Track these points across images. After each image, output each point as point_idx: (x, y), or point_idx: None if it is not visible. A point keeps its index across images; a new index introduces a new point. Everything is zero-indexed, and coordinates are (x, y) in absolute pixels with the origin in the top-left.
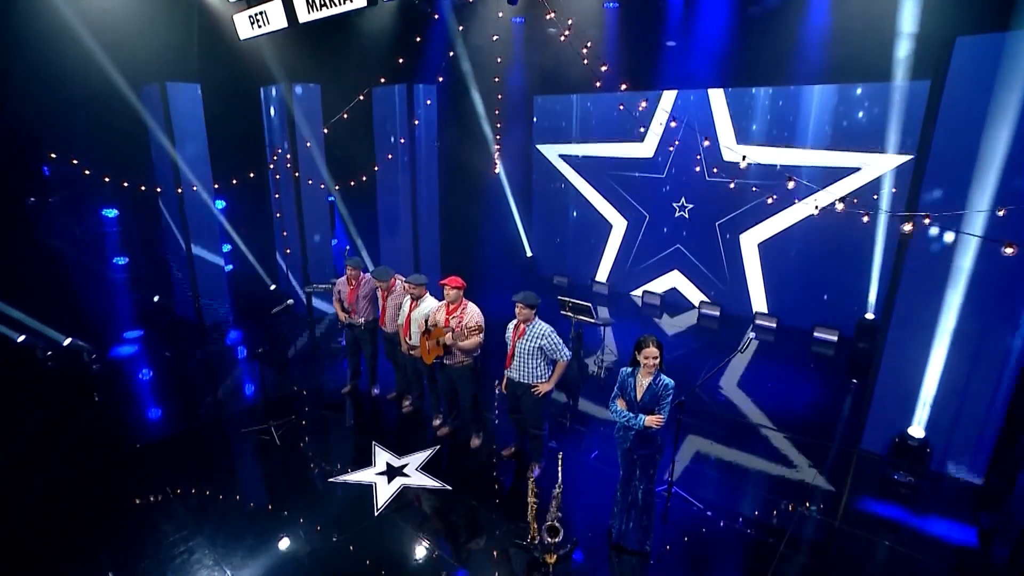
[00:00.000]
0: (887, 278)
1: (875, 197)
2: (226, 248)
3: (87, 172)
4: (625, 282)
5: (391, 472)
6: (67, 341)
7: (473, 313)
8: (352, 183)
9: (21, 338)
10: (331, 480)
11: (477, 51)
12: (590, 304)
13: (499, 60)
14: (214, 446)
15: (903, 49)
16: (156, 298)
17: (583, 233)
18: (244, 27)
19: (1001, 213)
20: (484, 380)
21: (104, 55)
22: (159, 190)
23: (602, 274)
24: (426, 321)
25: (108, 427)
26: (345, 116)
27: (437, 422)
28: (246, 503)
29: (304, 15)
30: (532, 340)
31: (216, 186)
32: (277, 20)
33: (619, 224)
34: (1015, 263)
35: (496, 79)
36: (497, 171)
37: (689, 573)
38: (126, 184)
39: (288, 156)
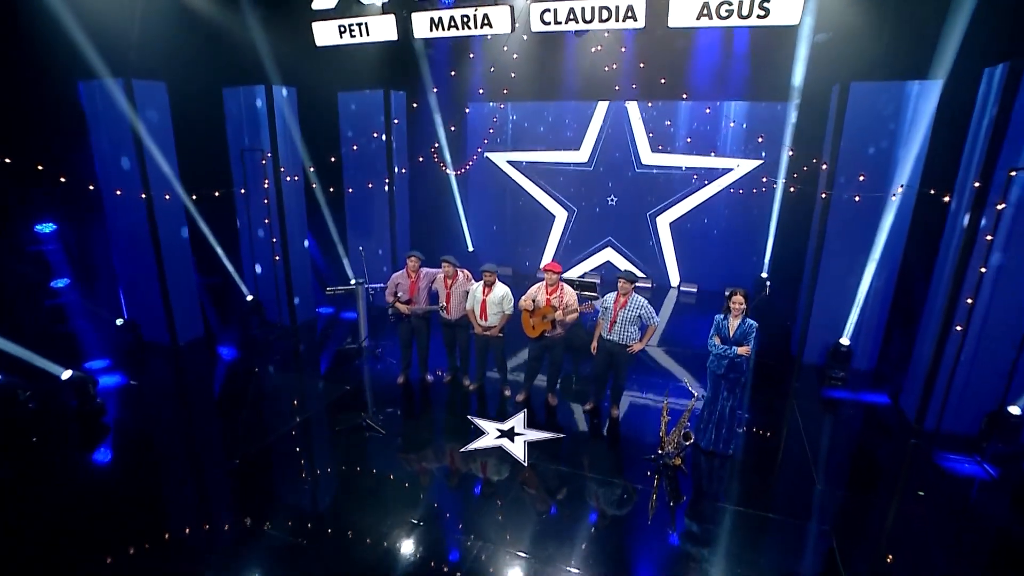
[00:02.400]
0: (777, 244)
1: (773, 185)
2: None
3: (62, 179)
4: (566, 267)
5: (506, 434)
6: (67, 374)
7: (571, 293)
8: (370, 185)
9: None
10: (463, 451)
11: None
12: (596, 282)
13: (491, 69)
14: (324, 446)
15: (797, 81)
16: (120, 321)
17: (523, 226)
18: (327, 34)
19: (894, 197)
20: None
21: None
22: (168, 197)
23: (544, 262)
24: (534, 301)
25: (177, 452)
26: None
27: (508, 392)
28: (417, 483)
29: (423, 31)
30: (633, 309)
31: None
32: (382, 33)
33: (560, 216)
34: (903, 220)
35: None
36: (456, 172)
37: (758, 463)
38: (119, 192)
39: (272, 159)
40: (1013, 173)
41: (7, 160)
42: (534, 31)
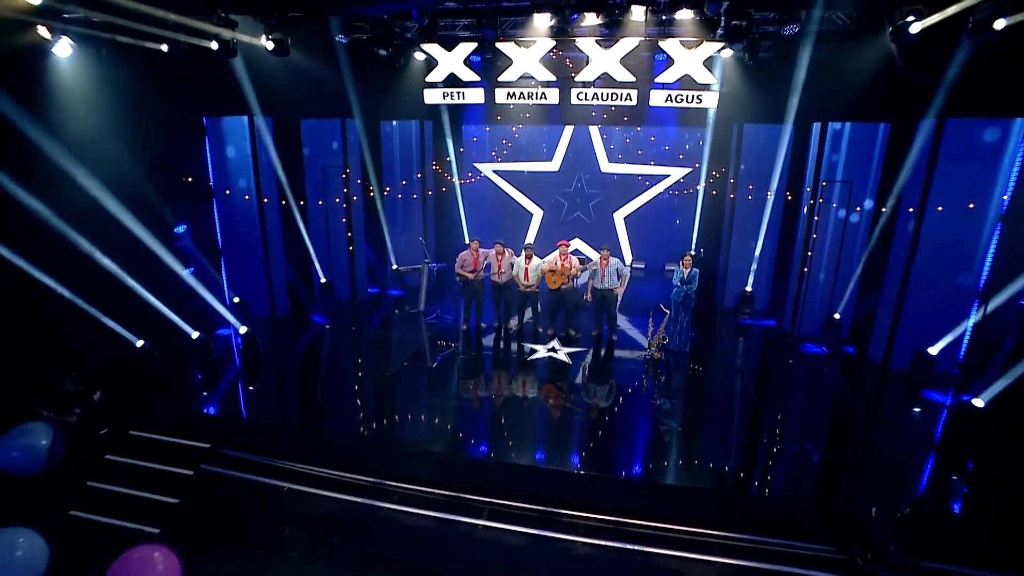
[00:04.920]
0: (701, 229)
1: (697, 188)
2: None
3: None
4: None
5: (551, 351)
6: (244, 329)
7: (575, 259)
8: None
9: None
10: (529, 359)
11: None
12: (588, 256)
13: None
14: (437, 365)
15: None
16: (236, 299)
17: (508, 221)
18: (434, 96)
19: (789, 196)
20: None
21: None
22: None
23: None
24: (555, 263)
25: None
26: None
27: (540, 329)
28: (512, 376)
29: (502, 99)
30: (613, 266)
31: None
32: (473, 98)
33: (537, 212)
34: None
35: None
36: (459, 180)
37: (703, 355)
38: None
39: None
40: (824, 184)
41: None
42: (572, 103)
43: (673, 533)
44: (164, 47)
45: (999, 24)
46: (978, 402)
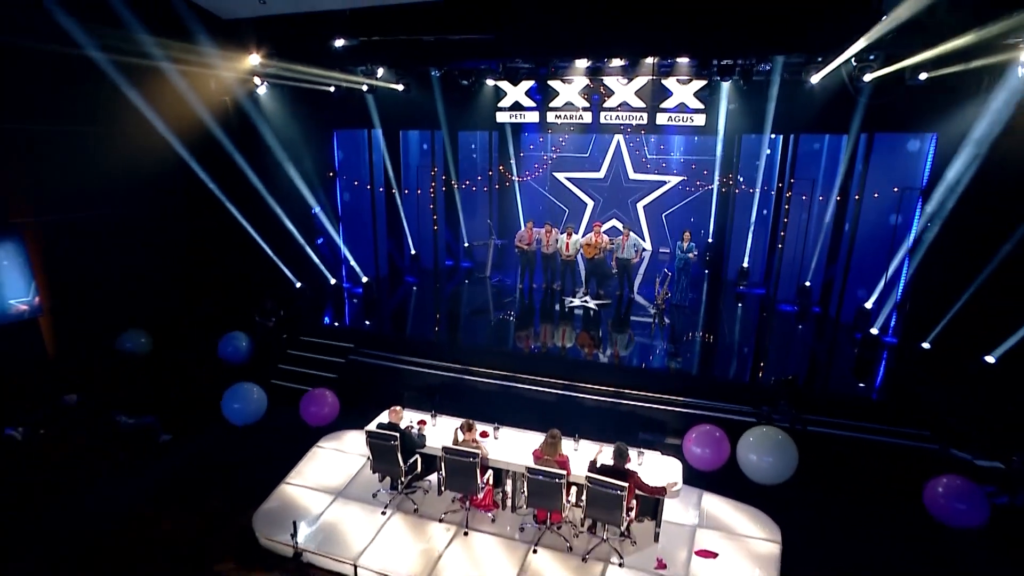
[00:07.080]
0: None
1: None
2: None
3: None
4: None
5: (585, 303)
6: (365, 279)
7: (605, 236)
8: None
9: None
10: (568, 307)
11: None
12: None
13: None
14: (507, 311)
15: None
16: (353, 262)
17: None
18: (503, 117)
19: (764, 188)
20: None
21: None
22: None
23: None
24: (591, 238)
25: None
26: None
27: (577, 289)
28: (556, 317)
29: (551, 119)
30: (632, 241)
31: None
32: (531, 118)
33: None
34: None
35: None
36: (518, 178)
37: (708, 309)
38: (377, 187)
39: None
40: (792, 180)
41: (330, 175)
42: (601, 122)
43: (648, 396)
44: (332, 88)
45: (868, 77)
46: (874, 331)
